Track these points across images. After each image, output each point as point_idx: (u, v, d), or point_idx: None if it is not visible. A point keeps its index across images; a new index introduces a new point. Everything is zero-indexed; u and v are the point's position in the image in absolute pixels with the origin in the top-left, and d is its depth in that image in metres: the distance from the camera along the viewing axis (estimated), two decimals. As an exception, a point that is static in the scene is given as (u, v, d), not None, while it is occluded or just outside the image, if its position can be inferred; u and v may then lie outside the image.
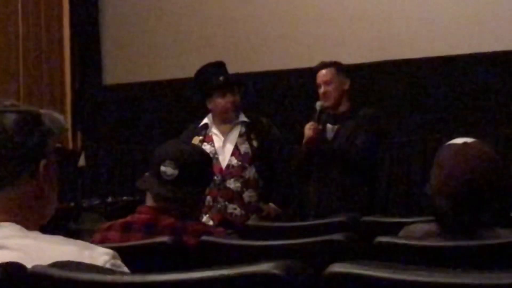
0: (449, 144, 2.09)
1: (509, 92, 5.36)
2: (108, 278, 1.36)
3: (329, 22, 5.94)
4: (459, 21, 5.54)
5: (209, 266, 1.31)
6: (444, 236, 2.00)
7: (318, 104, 4.34)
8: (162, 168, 2.48)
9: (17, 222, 1.51)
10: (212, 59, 4.47)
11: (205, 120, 4.28)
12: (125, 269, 1.48)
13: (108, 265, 1.45)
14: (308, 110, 4.55)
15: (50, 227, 1.63)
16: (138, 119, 6.68)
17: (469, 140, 2.07)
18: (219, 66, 4.31)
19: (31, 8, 6.63)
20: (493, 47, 5.40)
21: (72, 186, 5.85)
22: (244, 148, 4.19)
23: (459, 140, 2.08)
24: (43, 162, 1.53)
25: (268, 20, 6.16)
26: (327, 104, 4.35)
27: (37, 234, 1.50)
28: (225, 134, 4.22)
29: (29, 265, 1.39)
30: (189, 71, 4.73)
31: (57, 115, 1.62)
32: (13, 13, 6.52)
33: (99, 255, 1.46)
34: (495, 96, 5.41)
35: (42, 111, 1.60)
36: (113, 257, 1.47)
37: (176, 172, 2.47)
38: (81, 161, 6.08)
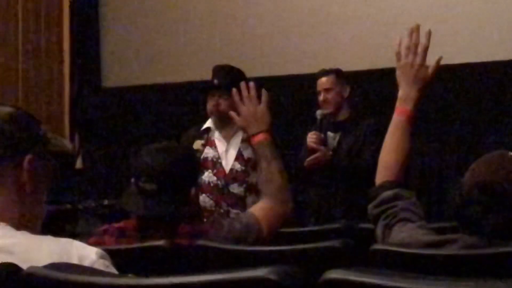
0: (486, 155, 2.10)
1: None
2: (105, 280, 1.36)
3: (332, 28, 5.93)
4: (467, 29, 5.52)
5: (204, 271, 1.31)
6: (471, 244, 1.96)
7: (319, 113, 4.35)
8: (140, 184, 2.43)
9: (3, 220, 1.51)
10: (211, 63, 4.42)
11: (207, 124, 4.21)
12: (114, 270, 1.49)
13: (96, 265, 1.45)
14: (308, 116, 4.54)
15: (48, 229, 1.62)
16: (136, 122, 6.67)
17: (506, 152, 2.07)
18: (223, 69, 4.23)
19: (31, 10, 6.63)
20: (501, 56, 5.38)
21: (68, 188, 5.85)
22: (247, 153, 4.14)
23: (496, 152, 2.09)
24: (28, 157, 1.53)
25: (270, 25, 6.16)
26: (326, 111, 4.36)
27: (25, 233, 1.50)
28: (228, 138, 4.17)
29: (19, 264, 1.39)
30: (189, 75, 4.74)
31: (62, 139, 1.68)
32: (12, 16, 6.52)
33: (88, 254, 1.47)
34: (499, 105, 5.38)
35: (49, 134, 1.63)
36: (101, 257, 1.48)
37: (155, 186, 2.42)
38: (78, 163, 6.07)
